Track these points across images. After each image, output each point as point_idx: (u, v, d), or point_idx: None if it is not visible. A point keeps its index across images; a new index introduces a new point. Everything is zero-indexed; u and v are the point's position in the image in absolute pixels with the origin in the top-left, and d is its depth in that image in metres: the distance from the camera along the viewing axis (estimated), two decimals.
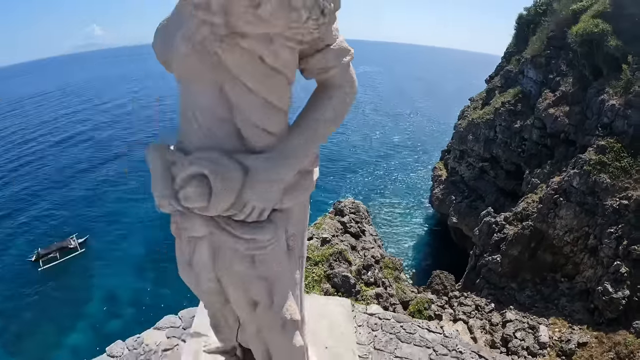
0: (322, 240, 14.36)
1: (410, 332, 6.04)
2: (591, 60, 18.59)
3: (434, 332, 6.22)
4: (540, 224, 17.38)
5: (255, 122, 2.20)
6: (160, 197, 2.37)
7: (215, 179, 2.14)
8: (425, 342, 5.88)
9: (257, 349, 3.16)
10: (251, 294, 2.65)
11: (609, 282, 14.00)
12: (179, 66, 2.21)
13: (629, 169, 15.26)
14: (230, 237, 2.36)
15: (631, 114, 15.93)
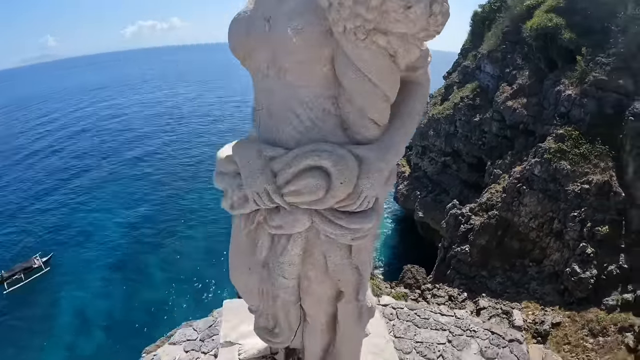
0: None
1: (425, 317, 6.23)
2: (546, 53, 19.32)
3: (447, 315, 6.44)
4: (505, 213, 17.83)
5: (369, 114, 2.26)
6: (260, 194, 2.34)
7: (337, 170, 2.17)
8: (441, 325, 6.11)
9: (316, 344, 3.26)
10: (340, 285, 2.74)
11: (577, 263, 14.50)
12: (284, 58, 2.20)
13: (587, 155, 15.85)
14: (336, 228, 2.36)
15: (587, 103, 16.61)
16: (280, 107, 2.33)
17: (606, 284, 13.75)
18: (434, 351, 5.58)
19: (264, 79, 2.37)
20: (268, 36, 2.23)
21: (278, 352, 3.97)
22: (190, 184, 39.54)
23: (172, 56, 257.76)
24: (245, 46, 2.39)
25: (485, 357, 5.59)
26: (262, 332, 3.43)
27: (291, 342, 3.41)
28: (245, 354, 4.03)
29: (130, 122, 64.61)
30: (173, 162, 45.65)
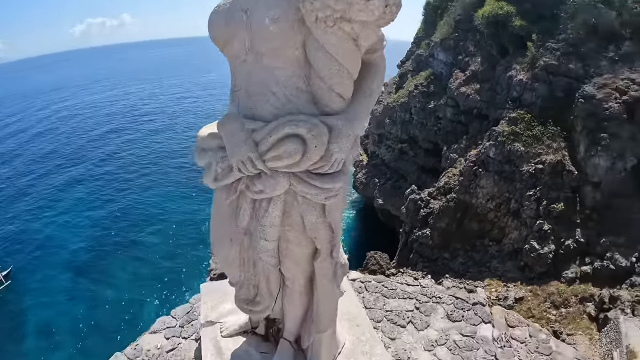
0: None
1: (392, 288, 6.64)
2: (498, 40, 19.96)
3: (412, 285, 6.88)
4: (463, 195, 18.34)
5: (336, 89, 2.62)
6: (243, 161, 2.64)
7: (312, 136, 2.52)
8: (408, 294, 6.53)
9: (295, 309, 3.62)
10: (317, 242, 3.06)
11: (535, 240, 15.14)
12: (262, 43, 2.54)
13: (540, 137, 16.52)
14: (311, 188, 2.70)
15: (538, 87, 17.33)
16: (258, 87, 2.68)
17: (564, 257, 14.46)
18: (404, 318, 5.98)
19: (242, 64, 2.74)
20: (246, 25, 2.57)
21: (258, 326, 4.24)
22: (149, 184, 38.51)
23: (123, 54, 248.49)
24: (224, 34, 2.73)
25: (452, 320, 6.03)
26: (243, 303, 3.69)
27: (272, 310, 3.69)
28: (227, 330, 4.28)
29: (85, 124, 61.87)
30: (131, 162, 44.23)
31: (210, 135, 2.93)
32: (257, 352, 4.07)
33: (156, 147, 48.88)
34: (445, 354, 5.43)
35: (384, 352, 4.28)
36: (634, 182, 14.36)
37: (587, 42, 16.69)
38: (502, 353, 5.54)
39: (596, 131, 15.09)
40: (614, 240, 13.64)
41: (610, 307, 11.68)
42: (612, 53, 15.88)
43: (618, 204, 14.40)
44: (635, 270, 12.48)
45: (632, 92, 14.74)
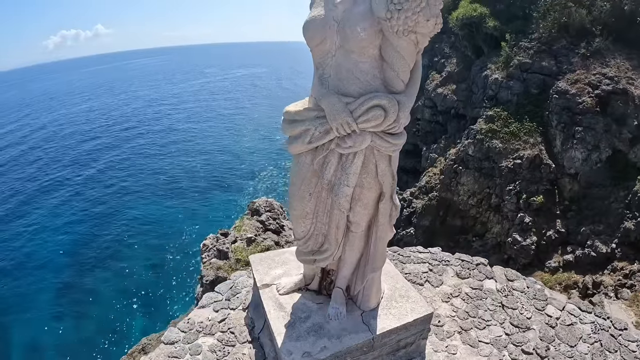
0: (248, 240, 14.58)
1: (407, 255, 7.27)
2: (472, 41, 20.56)
3: (423, 252, 7.48)
4: (445, 193, 18.70)
5: (401, 77, 3.58)
6: (343, 124, 3.57)
7: (391, 106, 3.50)
8: (420, 259, 7.16)
9: (353, 254, 4.47)
10: (383, 187, 4.01)
11: (517, 233, 15.54)
12: (351, 44, 3.46)
13: (517, 133, 16.98)
14: (385, 143, 3.70)
15: (513, 85, 17.89)
16: (346, 73, 3.60)
17: (546, 248, 14.88)
18: (421, 278, 6.67)
19: (332, 58, 3.66)
20: (338, 31, 3.51)
21: (311, 282, 4.99)
22: (128, 195, 37.85)
23: (99, 66, 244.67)
24: (320, 36, 3.62)
25: (461, 277, 6.77)
26: (309, 255, 4.48)
27: (334, 257, 4.45)
28: (284, 289, 5.02)
29: (62, 138, 60.23)
30: (109, 175, 43.38)
31: (305, 109, 3.84)
32: (313, 303, 4.82)
33: (134, 158, 48.15)
34: (460, 303, 6.25)
35: (416, 294, 5.14)
36: (610, 172, 14.90)
37: (559, 40, 17.37)
38: (506, 300, 6.44)
39: (571, 125, 15.66)
40: (594, 229, 14.11)
41: (594, 292, 12.09)
42: (584, 49, 16.55)
43: (595, 194, 14.92)
44: (616, 256, 12.93)
45: (603, 86, 15.34)
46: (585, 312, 6.40)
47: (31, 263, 28.09)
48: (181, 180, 40.64)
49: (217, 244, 16.98)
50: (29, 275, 26.67)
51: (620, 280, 11.80)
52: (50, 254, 28.88)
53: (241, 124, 64.50)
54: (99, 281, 25.68)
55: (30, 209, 36.18)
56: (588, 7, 16.95)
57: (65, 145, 55.45)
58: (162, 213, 33.90)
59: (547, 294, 6.67)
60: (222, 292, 6.35)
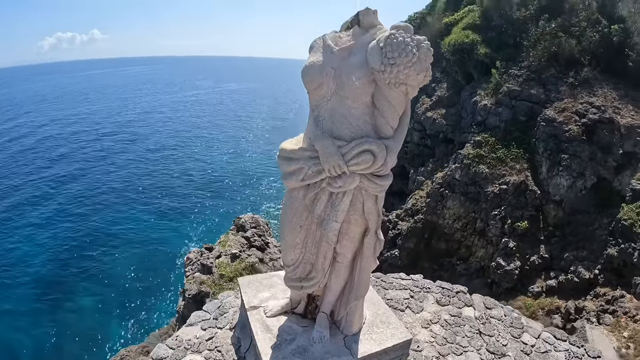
0: (232, 256, 14.48)
1: (389, 282, 7.62)
2: (463, 67, 20.83)
3: (405, 279, 7.80)
4: (430, 216, 18.65)
5: (390, 123, 3.86)
6: (334, 166, 3.83)
7: (379, 151, 3.76)
8: (402, 286, 7.51)
9: (338, 282, 4.76)
10: (369, 223, 4.31)
11: (501, 257, 15.48)
12: (346, 91, 3.74)
13: (504, 159, 17.10)
14: (373, 183, 3.98)
15: (502, 111, 18.08)
16: (339, 118, 3.86)
17: (530, 273, 14.84)
18: (402, 304, 7.00)
19: (327, 102, 3.92)
20: (334, 78, 3.78)
21: (297, 306, 5.25)
22: (112, 205, 37.40)
23: (93, 71, 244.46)
24: (317, 81, 3.86)
25: (441, 304, 7.14)
26: (296, 281, 4.74)
27: (320, 284, 4.75)
28: (271, 311, 5.25)
29: (46, 140, 59.98)
30: (94, 184, 42.80)
31: (300, 149, 4.10)
32: (299, 326, 5.05)
33: (121, 169, 47.69)
34: (439, 330, 6.53)
35: (397, 320, 5.41)
36: (594, 199, 15.01)
37: (548, 69, 17.69)
38: (484, 327, 6.69)
39: (557, 152, 15.81)
40: (577, 254, 14.13)
41: (577, 317, 12.04)
42: (572, 79, 16.86)
43: (579, 220, 14.99)
44: (599, 282, 12.90)
45: (590, 114, 15.57)
46: (560, 340, 6.69)
47: (11, 271, 27.44)
48: (167, 193, 40.30)
49: (201, 258, 16.71)
50: (8, 282, 26.08)
51: (603, 306, 11.77)
52: (30, 261, 28.35)
53: (229, 139, 64.64)
54: (80, 290, 25.15)
55: (10, 216, 35.45)
56: (578, 37, 17.33)
57: (51, 152, 54.86)
58: (146, 225, 33.48)
59: (524, 322, 7.01)
60: (210, 311, 6.60)
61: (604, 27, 17.12)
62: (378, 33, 3.76)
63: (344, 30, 4.09)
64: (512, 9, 19.88)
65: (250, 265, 13.77)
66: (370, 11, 3.90)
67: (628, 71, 16.44)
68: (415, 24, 26.52)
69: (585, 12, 17.87)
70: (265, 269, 14.16)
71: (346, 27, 4.10)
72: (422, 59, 3.52)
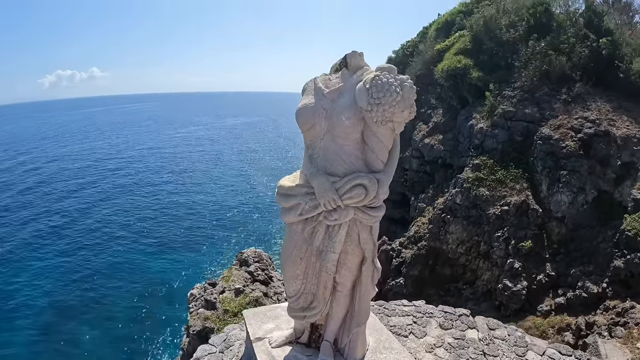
0: (236, 291, 14.38)
1: (392, 309, 7.82)
2: (457, 92, 20.99)
3: (408, 305, 8.03)
4: (433, 242, 18.39)
5: (380, 158, 4.13)
6: (329, 200, 4.09)
7: (371, 185, 4.02)
8: (405, 313, 7.68)
9: (340, 310, 4.90)
10: (365, 252, 4.52)
11: (507, 279, 15.13)
12: (337, 130, 4.03)
13: (503, 180, 16.98)
14: (367, 215, 4.23)
15: (498, 133, 18.07)
16: (332, 155, 4.15)
17: (537, 292, 14.45)
18: (405, 330, 7.14)
19: (321, 141, 4.21)
20: (326, 118, 4.09)
21: (302, 336, 5.37)
22: (114, 239, 37.59)
23: (93, 108, 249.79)
24: (311, 122, 4.18)
25: (444, 328, 7.25)
26: (299, 311, 4.94)
27: (322, 313, 4.92)
28: (276, 342, 5.38)
29: (47, 178, 60.79)
30: (96, 218, 43.23)
31: (297, 185, 4.37)
32: (303, 355, 5.18)
33: (121, 205, 48.02)
34: (443, 353, 6.63)
35: (399, 346, 5.59)
36: (596, 212, 14.80)
37: (541, 87, 17.80)
38: (488, 349, 6.75)
39: (556, 169, 15.72)
40: (584, 269, 13.81)
41: (588, 332, 11.69)
42: (565, 95, 16.95)
43: (583, 235, 14.74)
44: (608, 295, 12.57)
45: (585, 129, 15.55)
46: (565, 355, 6.74)
47: (10, 305, 27.26)
48: (168, 229, 40.29)
49: (204, 293, 16.48)
50: (6, 318, 25.78)
51: (613, 319, 11.42)
52: (30, 298, 28.09)
53: (230, 174, 65.25)
54: (81, 327, 24.84)
55: (11, 249, 35.63)
56: (568, 54, 17.52)
57: (53, 189, 55.42)
58: (148, 261, 33.39)
59: (528, 341, 7.10)
60: (215, 345, 6.86)
61: (593, 42, 17.31)
62: (364, 74, 4.04)
63: (333, 73, 4.38)
64: (502, 31, 20.20)
65: (254, 299, 13.65)
66: (357, 54, 4.22)
67: (619, 82, 16.56)
68: (408, 52, 27.08)
69: (573, 28, 18.14)
70: (270, 302, 13.99)
71: (335, 69, 4.39)
72: (406, 97, 3.83)
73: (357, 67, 4.21)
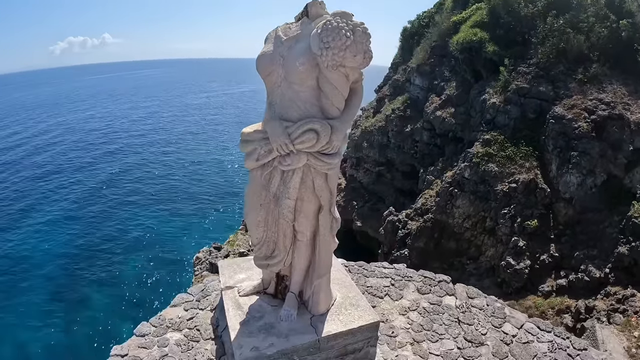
0: (240, 255, 14.54)
1: (371, 270, 7.86)
2: (471, 66, 20.67)
3: (388, 268, 8.06)
4: (440, 216, 18.56)
5: (335, 104, 4.28)
6: (281, 145, 4.19)
7: (323, 130, 4.16)
8: (384, 274, 7.73)
9: (302, 260, 5.05)
10: (321, 200, 4.67)
11: (511, 257, 15.34)
12: (292, 76, 4.13)
13: (513, 157, 16.96)
14: (320, 162, 4.35)
15: (510, 109, 17.92)
16: (288, 102, 4.26)
17: (540, 272, 14.69)
18: (381, 291, 7.18)
19: (278, 88, 4.30)
20: (283, 65, 4.19)
21: (269, 287, 5.58)
22: (123, 204, 38.05)
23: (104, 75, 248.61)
24: (268, 69, 4.29)
25: (421, 292, 7.26)
26: (262, 260, 5.08)
27: (284, 265, 5.10)
28: (244, 291, 5.64)
29: (61, 145, 60.93)
30: (105, 182, 43.82)
31: (255, 131, 4.51)
32: (269, 305, 5.40)
33: (131, 169, 48.52)
34: (416, 317, 6.64)
35: (366, 303, 5.58)
36: (604, 196, 14.82)
37: (557, 66, 17.47)
38: (463, 316, 6.71)
39: (567, 150, 15.63)
40: (587, 253, 13.96)
41: (587, 317, 11.92)
42: (581, 75, 16.66)
43: (590, 219, 14.82)
44: (610, 281, 12.75)
45: (600, 111, 15.38)
46: (544, 330, 6.59)
47: (22, 267, 28.14)
48: (177, 194, 40.89)
49: (209, 257, 16.91)
50: (19, 284, 26.50)
51: (613, 305, 11.64)
52: (39, 263, 28.76)
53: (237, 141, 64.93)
54: (90, 289, 25.62)
55: (24, 214, 36.42)
56: (586, 33, 17.11)
57: (63, 153, 56.28)
58: (156, 225, 33.95)
59: (507, 312, 6.97)
60: (193, 294, 6.95)
61: (613, 23, 16.89)
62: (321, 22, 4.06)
63: (294, 22, 4.44)
64: (520, 5, 19.67)
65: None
66: (317, 2, 4.25)
67: (638, 67, 16.18)
68: (424, 22, 26.48)
69: (594, 8, 17.62)
70: None
71: (297, 18, 4.45)
72: (358, 42, 3.90)
73: (316, 16, 4.25)
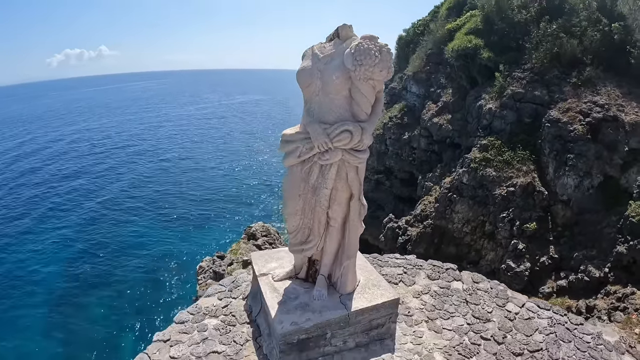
0: (244, 263, 14.60)
1: (385, 260, 8.60)
2: (467, 72, 20.93)
3: (400, 258, 8.79)
4: (439, 221, 18.67)
5: (364, 109, 5.07)
6: (322, 143, 4.98)
7: (355, 131, 4.95)
8: (396, 264, 8.52)
9: (333, 244, 5.82)
10: (352, 189, 5.43)
11: (511, 259, 15.43)
12: (329, 87, 4.94)
13: (510, 161, 17.11)
14: (353, 157, 5.15)
15: (506, 114, 18.11)
16: (325, 108, 5.06)
17: (540, 274, 14.75)
18: (396, 278, 7.89)
19: (316, 97, 5.10)
20: (320, 78, 4.98)
21: (300, 272, 6.34)
22: (123, 215, 38.05)
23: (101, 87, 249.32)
24: (308, 82, 5.08)
25: (431, 279, 7.99)
26: (298, 246, 5.87)
27: (317, 249, 5.87)
28: (278, 277, 6.41)
29: (56, 155, 61.28)
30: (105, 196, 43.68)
31: (297, 132, 5.29)
32: (301, 287, 6.16)
33: (132, 180, 48.62)
34: (428, 299, 7.38)
35: (386, 284, 6.41)
36: (602, 197, 14.94)
37: (551, 70, 17.71)
38: (470, 297, 7.43)
39: (563, 152, 15.81)
40: (587, 254, 14.03)
41: (588, 316, 11.96)
42: (575, 79, 16.87)
43: (588, 220, 14.93)
44: (609, 280, 12.82)
45: (594, 113, 15.55)
46: (543, 309, 7.32)
47: (24, 278, 27.98)
48: (178, 204, 40.86)
49: (213, 265, 16.92)
50: (21, 291, 26.54)
51: (614, 304, 11.68)
52: (43, 272, 28.80)
53: (240, 150, 65.43)
54: (92, 300, 25.49)
55: (24, 223, 36.41)
56: (579, 37, 17.37)
57: (62, 166, 55.98)
58: (159, 235, 33.97)
59: (509, 294, 7.68)
60: (225, 285, 7.66)
61: (605, 26, 17.14)
62: (352, 42, 4.87)
63: (327, 42, 5.26)
64: (513, 11, 19.98)
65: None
66: (347, 26, 5.09)
67: (631, 68, 16.39)
68: (419, 31, 26.78)
69: (586, 12, 17.89)
70: None
71: (329, 39, 5.27)
72: (384, 59, 4.75)
73: (346, 37, 5.09)
